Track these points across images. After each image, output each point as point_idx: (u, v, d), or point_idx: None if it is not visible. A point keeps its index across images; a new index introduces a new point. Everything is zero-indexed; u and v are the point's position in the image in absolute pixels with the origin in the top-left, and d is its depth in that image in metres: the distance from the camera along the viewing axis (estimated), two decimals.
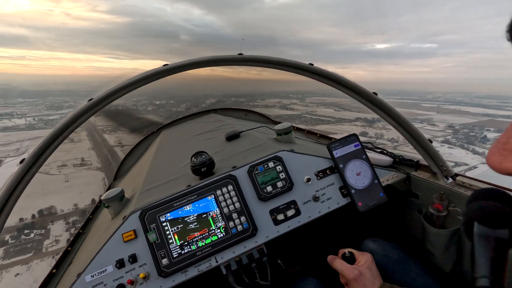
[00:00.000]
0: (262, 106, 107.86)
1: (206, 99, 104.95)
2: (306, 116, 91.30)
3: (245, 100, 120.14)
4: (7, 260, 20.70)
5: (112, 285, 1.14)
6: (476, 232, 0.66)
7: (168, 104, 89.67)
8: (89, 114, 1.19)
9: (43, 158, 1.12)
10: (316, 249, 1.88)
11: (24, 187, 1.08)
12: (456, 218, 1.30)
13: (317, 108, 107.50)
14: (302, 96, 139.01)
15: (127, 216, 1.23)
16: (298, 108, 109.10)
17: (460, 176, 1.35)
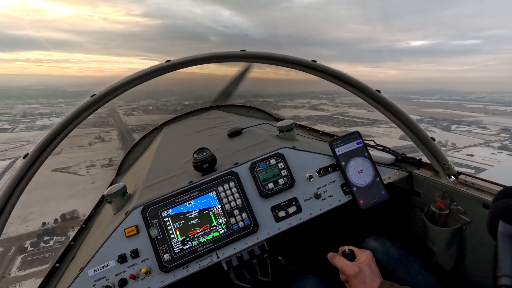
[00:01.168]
0: (291, 107, 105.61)
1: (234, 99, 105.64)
2: (337, 118, 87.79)
3: (273, 101, 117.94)
4: (23, 271, 20.52)
5: (114, 280, 1.15)
6: (500, 230, 0.65)
7: (196, 104, 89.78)
8: (91, 109, 1.19)
9: (46, 153, 1.12)
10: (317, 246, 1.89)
11: (27, 181, 1.09)
12: (458, 217, 1.30)
13: (348, 109, 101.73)
14: (331, 97, 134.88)
15: (129, 211, 1.24)
16: (328, 108, 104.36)
17: (463, 174, 1.34)
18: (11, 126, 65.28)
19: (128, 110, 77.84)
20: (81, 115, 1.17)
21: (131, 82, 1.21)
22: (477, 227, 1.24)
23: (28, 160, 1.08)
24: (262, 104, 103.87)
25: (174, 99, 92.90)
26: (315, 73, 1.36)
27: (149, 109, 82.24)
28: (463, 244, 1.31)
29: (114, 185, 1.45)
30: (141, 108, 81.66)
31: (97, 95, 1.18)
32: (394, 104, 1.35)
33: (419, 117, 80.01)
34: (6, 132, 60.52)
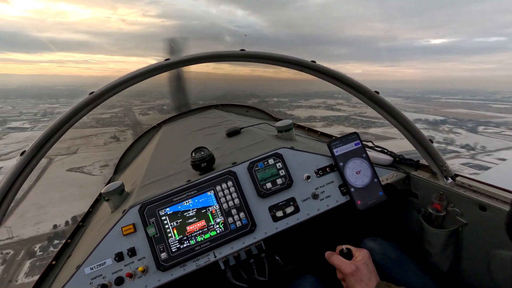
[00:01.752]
0: (306, 107, 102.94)
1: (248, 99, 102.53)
2: (355, 118, 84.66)
3: (287, 101, 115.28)
4: (30, 278, 20.34)
5: (111, 278, 1.15)
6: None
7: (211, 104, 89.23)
8: (89, 107, 1.19)
9: (44, 151, 1.12)
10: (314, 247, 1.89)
11: (24, 178, 1.09)
12: (455, 219, 1.30)
13: (366, 109, 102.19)
14: (348, 96, 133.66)
15: (126, 209, 1.24)
16: (345, 109, 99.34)
17: (460, 176, 1.35)
18: (31, 125, 65.54)
19: (143, 109, 77.61)
20: (78, 113, 1.16)
21: (130, 80, 1.21)
22: (474, 229, 1.25)
23: (25, 157, 1.07)
24: (276, 104, 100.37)
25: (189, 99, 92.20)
26: (314, 73, 1.36)
27: (164, 109, 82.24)
28: (460, 245, 1.32)
29: (112, 183, 1.45)
30: (156, 108, 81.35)
31: (95, 93, 1.18)
32: (393, 106, 1.35)
33: (443, 118, 76.79)
34: (25, 131, 60.59)
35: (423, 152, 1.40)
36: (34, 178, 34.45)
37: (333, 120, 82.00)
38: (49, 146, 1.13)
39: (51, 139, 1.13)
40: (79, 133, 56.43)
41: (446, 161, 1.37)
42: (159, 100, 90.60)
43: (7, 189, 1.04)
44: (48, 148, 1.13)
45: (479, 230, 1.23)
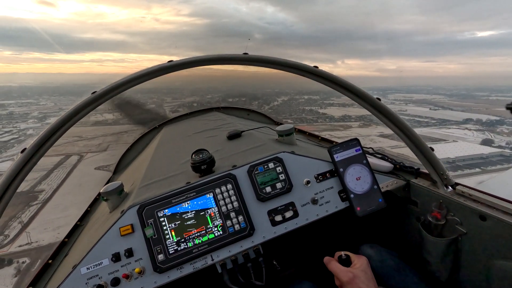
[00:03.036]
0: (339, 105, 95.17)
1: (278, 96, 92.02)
2: None
3: (319, 98, 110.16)
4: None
5: (107, 278, 1.14)
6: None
7: (240, 101, 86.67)
8: (91, 107, 1.19)
9: (44, 149, 1.12)
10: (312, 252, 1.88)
11: (24, 176, 1.09)
12: (454, 227, 1.30)
13: (406, 106, 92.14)
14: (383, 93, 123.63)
15: (125, 210, 1.24)
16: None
17: (460, 185, 1.35)
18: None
19: (174, 107, 77.24)
20: (80, 112, 1.16)
21: (133, 80, 1.21)
22: (473, 238, 1.24)
23: (26, 154, 1.07)
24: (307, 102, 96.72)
25: (218, 96, 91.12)
26: (317, 79, 1.37)
27: (194, 106, 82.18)
28: (459, 255, 1.31)
29: (111, 183, 1.45)
30: (186, 105, 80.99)
31: (98, 92, 1.18)
32: (394, 113, 1.35)
33: (498, 118, 67.01)
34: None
35: (423, 160, 1.40)
36: (63, 176, 34.38)
37: (370, 120, 76.35)
38: (50, 144, 1.13)
39: (52, 138, 1.13)
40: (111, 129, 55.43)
41: (446, 169, 1.36)
42: (189, 97, 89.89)
43: (5, 187, 1.04)
44: (49, 146, 1.13)
45: (478, 240, 1.22)
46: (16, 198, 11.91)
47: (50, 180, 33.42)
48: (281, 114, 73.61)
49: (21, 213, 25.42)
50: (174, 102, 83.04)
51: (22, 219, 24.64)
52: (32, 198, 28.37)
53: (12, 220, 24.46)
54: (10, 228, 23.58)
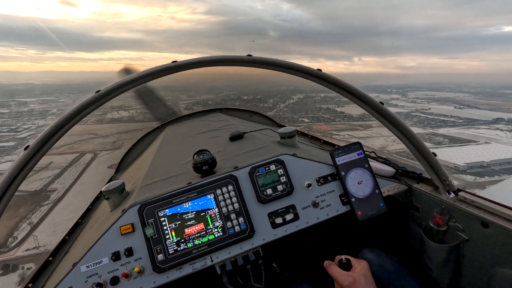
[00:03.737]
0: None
1: (293, 94, 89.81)
2: (418, 115, 72.13)
3: (335, 96, 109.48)
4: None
5: (106, 277, 1.15)
6: None
7: (255, 99, 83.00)
8: (95, 105, 1.20)
9: (47, 147, 1.12)
10: (312, 255, 1.87)
11: (26, 173, 1.09)
12: (456, 234, 1.29)
13: (428, 104, 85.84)
14: (402, 91, 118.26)
15: (126, 209, 1.24)
16: (402, 104, 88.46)
17: (463, 191, 1.34)
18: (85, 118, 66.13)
19: (189, 104, 76.25)
20: (84, 110, 1.17)
21: (136, 80, 1.22)
22: (475, 245, 1.23)
23: (29, 152, 1.08)
24: (323, 99, 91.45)
25: (232, 94, 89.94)
26: (320, 81, 1.37)
27: (209, 104, 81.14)
28: (460, 262, 1.30)
29: (113, 182, 1.45)
30: (201, 103, 79.83)
31: (102, 91, 1.19)
32: (397, 117, 1.35)
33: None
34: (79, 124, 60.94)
35: (426, 165, 1.39)
36: (76, 175, 34.27)
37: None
38: (53, 142, 1.14)
39: (55, 135, 1.13)
40: (127, 127, 55.09)
41: (448, 175, 1.36)
42: (204, 95, 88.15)
43: (8, 184, 1.05)
44: (52, 144, 1.13)
45: (480, 247, 1.21)
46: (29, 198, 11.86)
47: (63, 178, 33.13)
48: (297, 112, 71.20)
49: (32, 213, 25.10)
50: (189, 99, 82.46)
51: (32, 220, 24.20)
52: (44, 198, 27.95)
53: (22, 221, 24.12)
54: (19, 230, 23.18)
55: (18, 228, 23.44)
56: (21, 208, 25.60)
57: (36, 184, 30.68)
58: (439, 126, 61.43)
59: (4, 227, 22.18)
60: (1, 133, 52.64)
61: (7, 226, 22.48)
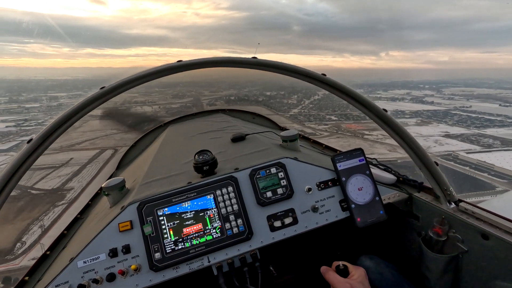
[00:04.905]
0: (387, 99, 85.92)
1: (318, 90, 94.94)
2: (459, 114, 63.73)
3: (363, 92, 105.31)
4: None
5: (103, 274, 1.14)
6: None
7: (278, 95, 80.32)
8: (99, 101, 1.20)
9: (50, 141, 1.13)
10: (309, 260, 1.86)
11: (28, 166, 1.10)
12: (456, 245, 1.28)
13: (468, 102, 77.42)
14: (436, 87, 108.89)
15: (125, 206, 1.24)
16: (438, 101, 78.98)
17: (464, 202, 1.33)
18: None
19: (211, 100, 74.68)
20: (88, 106, 1.17)
21: (142, 78, 1.22)
22: (475, 257, 1.22)
23: (32, 145, 1.08)
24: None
25: (255, 90, 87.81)
26: (323, 86, 1.37)
27: (231, 100, 79.75)
28: (458, 273, 1.29)
29: (113, 178, 1.45)
30: (224, 99, 78.82)
31: (106, 88, 1.19)
32: (400, 125, 1.34)
33: None
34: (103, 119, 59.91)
35: (427, 174, 1.38)
36: (94, 172, 33.00)
37: (428, 116, 62.51)
38: (56, 136, 1.14)
39: (58, 129, 1.14)
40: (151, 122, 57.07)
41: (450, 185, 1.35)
42: (226, 91, 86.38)
43: (10, 176, 1.05)
44: (55, 138, 1.14)
45: (480, 259, 1.20)
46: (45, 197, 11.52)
47: (81, 176, 31.84)
48: (323, 109, 67.30)
49: (45, 214, 23.84)
50: (211, 95, 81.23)
51: (43, 223, 22.87)
52: (59, 197, 26.85)
53: (34, 223, 22.83)
54: (29, 234, 21.78)
55: (28, 231, 22.09)
56: (36, 208, 24.35)
57: (54, 182, 29.57)
58: (485, 126, 53.66)
59: (15, 229, 21.15)
60: (29, 127, 52.75)
61: (18, 228, 21.33)
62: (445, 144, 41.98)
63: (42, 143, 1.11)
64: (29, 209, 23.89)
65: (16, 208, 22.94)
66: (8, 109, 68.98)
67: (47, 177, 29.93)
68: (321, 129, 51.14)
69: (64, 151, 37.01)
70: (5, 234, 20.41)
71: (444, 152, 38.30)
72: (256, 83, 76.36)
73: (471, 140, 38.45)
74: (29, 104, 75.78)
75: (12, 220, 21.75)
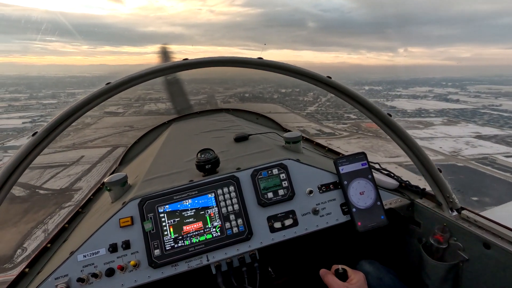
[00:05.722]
0: (408, 96, 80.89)
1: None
2: (489, 113, 58.72)
3: (382, 89, 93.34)
4: None
5: (102, 268, 1.15)
6: None
7: (293, 92, 78.52)
8: (104, 97, 1.21)
9: (54, 134, 1.14)
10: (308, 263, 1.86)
11: (32, 159, 1.11)
12: (456, 253, 1.27)
13: (497, 100, 72.39)
14: (460, 84, 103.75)
15: (126, 202, 1.25)
16: (464, 99, 74.33)
17: (466, 210, 1.32)
18: (124, 109, 64.42)
19: (225, 97, 73.62)
20: (93, 101, 1.18)
21: (147, 75, 1.23)
22: (475, 266, 1.21)
23: (36, 138, 1.09)
24: (369, 93, 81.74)
25: (270, 87, 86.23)
26: (328, 89, 1.36)
27: (246, 97, 77.94)
28: (458, 281, 1.28)
29: (116, 174, 1.46)
30: (238, 96, 77.52)
31: (112, 83, 1.20)
32: (404, 130, 1.34)
33: None
34: (117, 116, 58.94)
35: (430, 181, 1.37)
36: (103, 171, 31.64)
37: (455, 115, 57.66)
38: (61, 130, 1.15)
39: (63, 124, 1.15)
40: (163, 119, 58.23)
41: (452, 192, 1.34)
42: (240, 87, 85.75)
43: (14, 167, 1.06)
44: (60, 131, 1.15)
45: (480, 268, 1.19)
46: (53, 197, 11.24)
47: (91, 176, 30.69)
48: (341, 107, 63.52)
49: (50, 217, 22.46)
50: (226, 92, 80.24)
51: (47, 227, 21.50)
52: (67, 198, 25.70)
53: (38, 226, 21.37)
54: (32, 239, 20.25)
55: (31, 236, 20.44)
56: (42, 210, 22.79)
57: (63, 182, 28.39)
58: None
59: (18, 233, 19.57)
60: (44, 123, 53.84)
61: (21, 232, 19.69)
62: (478, 146, 37.56)
63: (46, 137, 1.12)
64: (34, 210, 22.70)
65: (22, 209, 21.80)
66: (27, 105, 69.84)
67: (57, 176, 29.24)
68: (340, 129, 48.28)
69: (77, 149, 36.55)
70: (7, 238, 19.03)
71: (478, 155, 34.46)
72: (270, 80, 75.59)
73: (507, 142, 34.15)
74: (47, 100, 76.57)
75: (16, 223, 20.54)
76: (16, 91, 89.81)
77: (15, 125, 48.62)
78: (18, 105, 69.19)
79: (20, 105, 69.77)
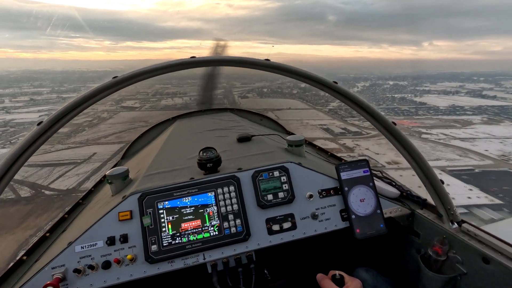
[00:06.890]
0: (438, 92, 76.55)
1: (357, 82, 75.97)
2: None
3: (407, 84, 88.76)
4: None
5: (99, 260, 1.16)
6: None
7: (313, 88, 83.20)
8: (111, 90, 1.22)
9: (60, 125, 1.15)
10: (305, 267, 1.85)
11: (36, 148, 1.11)
12: (455, 266, 1.25)
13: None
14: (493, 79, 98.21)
15: (126, 195, 1.25)
16: (503, 95, 68.88)
17: (467, 223, 1.30)
18: (141, 104, 64.29)
19: (243, 92, 72.03)
20: (99, 94, 1.19)
21: (154, 71, 1.23)
22: (473, 280, 1.19)
23: (41, 128, 1.10)
24: (393, 88, 75.57)
25: (289, 82, 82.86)
26: (334, 94, 1.36)
27: (264, 92, 76.37)
28: None
29: (118, 167, 1.47)
30: (256, 91, 76.17)
31: (119, 78, 1.21)
32: (408, 139, 1.33)
33: None
34: (134, 110, 58.56)
35: (432, 192, 1.36)
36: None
37: (495, 113, 52.43)
38: (66, 121, 1.16)
39: (69, 114, 1.16)
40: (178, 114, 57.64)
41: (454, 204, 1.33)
42: (258, 82, 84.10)
43: (17, 155, 1.07)
44: (65, 122, 1.15)
45: (479, 283, 1.17)
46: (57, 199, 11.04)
47: (100, 175, 29.10)
48: None
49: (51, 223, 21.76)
50: (243, 87, 78.99)
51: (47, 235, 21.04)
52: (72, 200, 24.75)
53: (37, 234, 18.78)
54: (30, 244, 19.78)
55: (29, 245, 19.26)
56: (45, 214, 21.24)
57: (71, 181, 27.21)
58: None
59: (14, 241, 17.49)
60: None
61: (18, 241, 17.62)
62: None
63: (51, 127, 1.13)
64: (37, 213, 21.42)
65: (24, 213, 20.55)
66: (48, 99, 70.70)
67: (66, 175, 28.41)
68: (367, 127, 42.52)
69: (90, 145, 36.15)
70: (2, 247, 17.12)
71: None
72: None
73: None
74: (67, 94, 77.39)
75: (14, 229, 18.85)
76: (40, 86, 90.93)
77: (32, 119, 48.59)
78: (39, 99, 70.33)
79: (42, 99, 70.99)
